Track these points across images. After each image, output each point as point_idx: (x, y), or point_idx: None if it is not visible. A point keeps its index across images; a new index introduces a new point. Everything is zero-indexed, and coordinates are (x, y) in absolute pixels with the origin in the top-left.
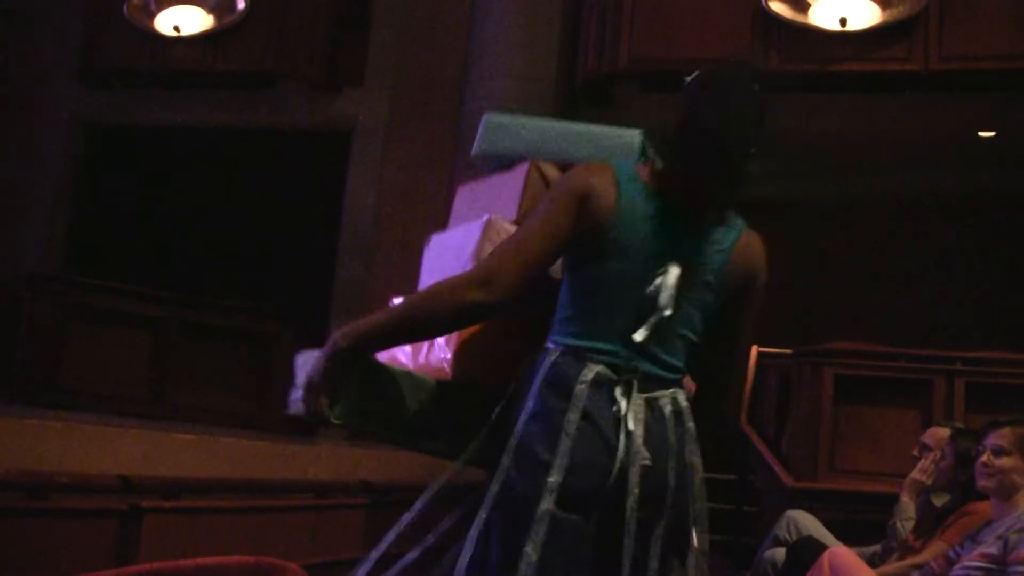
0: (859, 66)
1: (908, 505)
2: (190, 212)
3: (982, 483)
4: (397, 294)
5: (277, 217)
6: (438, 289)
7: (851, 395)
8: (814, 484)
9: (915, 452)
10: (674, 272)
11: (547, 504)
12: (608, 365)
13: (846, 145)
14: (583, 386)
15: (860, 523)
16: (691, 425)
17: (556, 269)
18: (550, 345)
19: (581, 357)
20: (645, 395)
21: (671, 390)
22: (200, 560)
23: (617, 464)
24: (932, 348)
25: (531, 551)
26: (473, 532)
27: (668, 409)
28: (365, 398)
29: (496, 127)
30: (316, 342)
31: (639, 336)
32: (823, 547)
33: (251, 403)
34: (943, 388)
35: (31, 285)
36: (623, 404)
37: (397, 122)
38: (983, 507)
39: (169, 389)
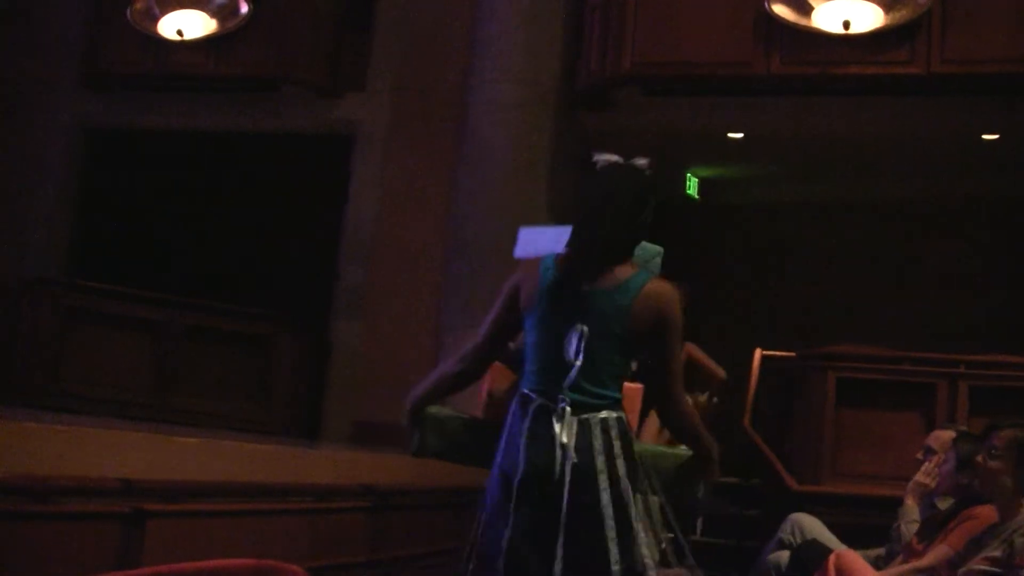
0: (862, 69)
1: (912, 508)
2: (192, 216)
3: (977, 485)
4: (399, 297)
5: (279, 221)
6: (445, 363)
7: (854, 398)
8: (818, 488)
9: (919, 455)
10: (578, 333)
11: (513, 500)
12: (548, 400)
13: (849, 148)
14: (529, 418)
15: (863, 526)
16: (614, 434)
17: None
18: (519, 391)
19: (531, 398)
20: (578, 417)
21: (601, 412)
22: (203, 563)
23: (557, 466)
24: (935, 351)
25: (507, 533)
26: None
27: (597, 427)
28: (430, 435)
29: (528, 237)
30: (318, 346)
31: (566, 384)
32: (827, 550)
33: (252, 406)
34: (946, 391)
35: (33, 289)
36: (557, 427)
37: (399, 126)
38: (987, 511)
39: (170, 392)
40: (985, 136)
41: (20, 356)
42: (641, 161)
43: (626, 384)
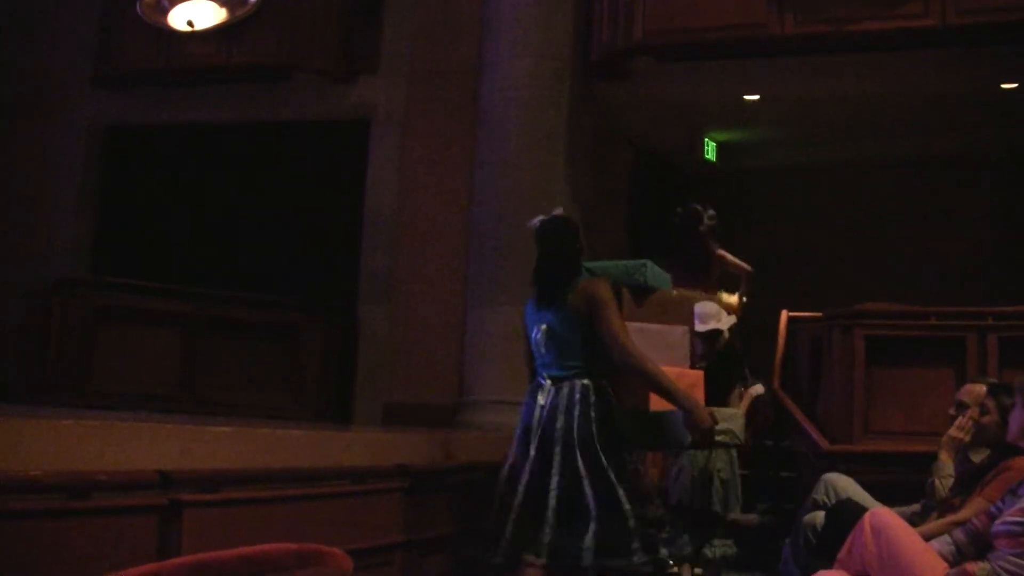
0: (876, 25)
1: (946, 463)
2: (213, 208)
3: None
4: (423, 278)
5: (300, 209)
6: None
7: (883, 356)
8: (850, 447)
9: (952, 411)
10: (538, 332)
11: (515, 445)
12: (539, 378)
13: (866, 106)
14: (528, 393)
15: (898, 484)
16: (579, 396)
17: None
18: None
19: (532, 379)
20: (555, 385)
21: (571, 381)
22: (246, 549)
23: (535, 422)
24: (962, 305)
25: (526, 467)
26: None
27: (565, 391)
28: None
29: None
30: (345, 331)
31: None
32: (862, 509)
33: (282, 394)
34: (975, 344)
35: (60, 289)
36: (539, 395)
37: (415, 107)
38: (1023, 462)
39: (200, 385)
40: (1004, 85)
41: (51, 355)
42: (557, 210)
43: (689, 371)
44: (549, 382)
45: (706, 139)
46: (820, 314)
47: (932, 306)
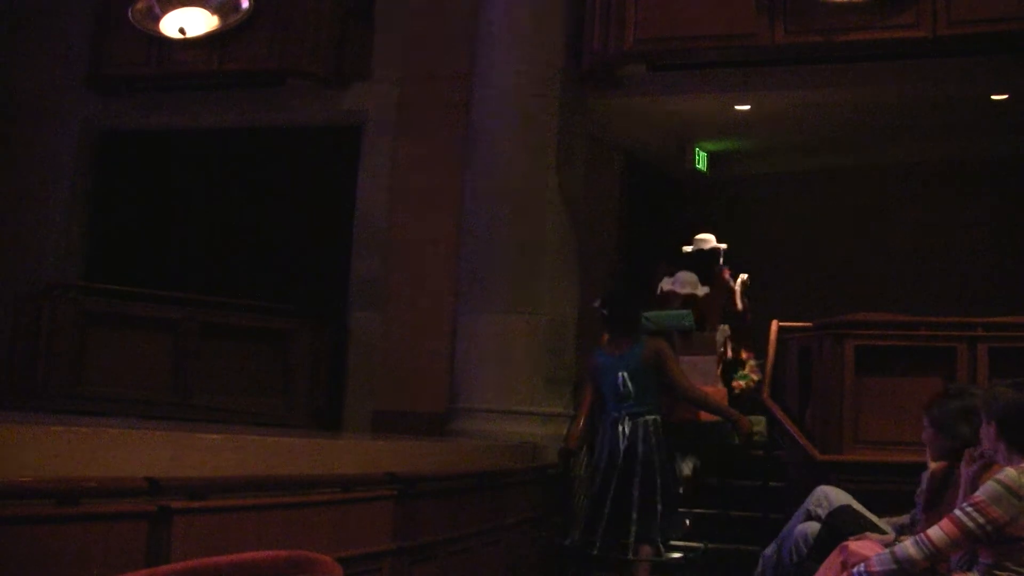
0: (867, 35)
1: None
2: (205, 214)
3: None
4: (414, 285)
5: (292, 214)
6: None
7: (873, 366)
8: (840, 457)
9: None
10: (621, 377)
11: (601, 466)
12: (617, 414)
13: (856, 115)
14: (609, 424)
15: (888, 493)
16: (652, 429)
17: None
18: (606, 411)
19: (610, 414)
20: (632, 420)
21: (644, 416)
22: (236, 556)
23: (620, 447)
24: (953, 315)
25: (593, 489)
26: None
27: (642, 424)
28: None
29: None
30: (335, 337)
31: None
32: (859, 516)
33: (273, 400)
34: (966, 354)
35: (50, 294)
36: (620, 427)
37: (407, 113)
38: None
39: (191, 390)
40: (994, 97)
41: (42, 360)
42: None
43: (719, 388)
44: (627, 417)
45: (696, 148)
46: (810, 324)
47: (927, 314)
